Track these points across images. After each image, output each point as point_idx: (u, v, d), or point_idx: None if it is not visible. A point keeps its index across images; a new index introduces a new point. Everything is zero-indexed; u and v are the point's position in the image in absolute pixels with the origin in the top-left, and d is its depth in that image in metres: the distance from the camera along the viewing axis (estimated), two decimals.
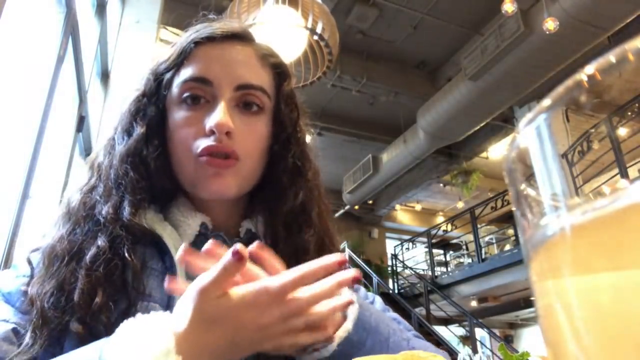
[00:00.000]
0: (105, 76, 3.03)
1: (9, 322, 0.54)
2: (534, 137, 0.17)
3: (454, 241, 10.42)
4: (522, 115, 7.22)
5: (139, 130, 0.64)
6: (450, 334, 8.82)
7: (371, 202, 10.56)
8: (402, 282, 10.03)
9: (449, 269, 10.00)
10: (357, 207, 10.31)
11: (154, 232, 0.61)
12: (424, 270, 10.38)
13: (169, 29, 3.73)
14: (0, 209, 1.69)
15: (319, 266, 0.48)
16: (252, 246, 0.50)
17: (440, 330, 7.86)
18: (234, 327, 0.45)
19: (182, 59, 0.66)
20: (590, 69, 0.15)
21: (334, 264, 0.48)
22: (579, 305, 0.15)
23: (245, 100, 0.65)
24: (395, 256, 10.31)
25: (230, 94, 0.64)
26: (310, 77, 2.72)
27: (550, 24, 4.71)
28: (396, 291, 9.57)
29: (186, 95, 0.64)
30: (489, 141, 8.71)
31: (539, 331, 0.17)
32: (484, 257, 8.26)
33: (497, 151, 9.11)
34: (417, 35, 7.02)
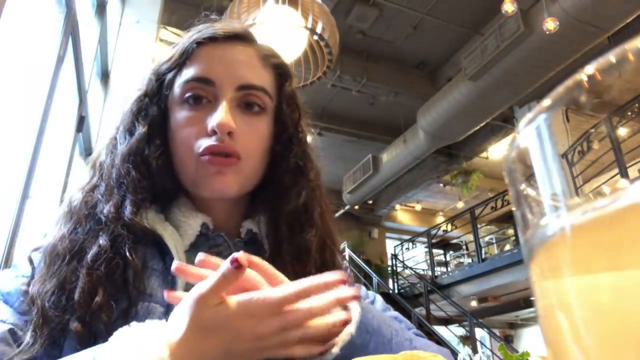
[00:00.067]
0: (105, 76, 3.03)
1: (6, 322, 0.54)
2: (534, 137, 0.17)
3: (454, 241, 10.40)
4: (522, 115, 7.21)
5: (140, 129, 0.64)
6: (450, 334, 8.82)
7: (371, 202, 10.56)
8: (402, 282, 10.02)
9: (449, 269, 9.98)
10: (357, 207, 10.31)
11: (155, 233, 0.61)
12: (424, 270, 10.37)
13: (169, 29, 3.73)
14: (0, 209, 1.69)
15: (321, 282, 0.48)
16: (252, 257, 0.50)
17: (440, 330, 7.85)
18: (231, 336, 0.44)
19: (184, 59, 0.66)
20: (590, 69, 0.15)
21: (336, 282, 0.48)
22: (578, 305, 0.15)
23: (246, 100, 0.65)
24: (395, 256, 10.30)
25: (232, 94, 0.64)
26: (310, 77, 2.72)
27: (550, 24, 4.71)
28: (396, 291, 9.55)
29: (188, 95, 0.64)
30: (489, 141, 8.71)
31: (539, 331, 0.17)
32: (484, 257, 8.25)
33: (497, 151, 9.11)
34: (417, 35, 7.01)
